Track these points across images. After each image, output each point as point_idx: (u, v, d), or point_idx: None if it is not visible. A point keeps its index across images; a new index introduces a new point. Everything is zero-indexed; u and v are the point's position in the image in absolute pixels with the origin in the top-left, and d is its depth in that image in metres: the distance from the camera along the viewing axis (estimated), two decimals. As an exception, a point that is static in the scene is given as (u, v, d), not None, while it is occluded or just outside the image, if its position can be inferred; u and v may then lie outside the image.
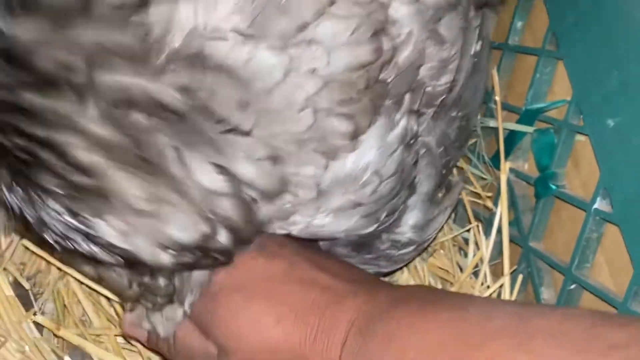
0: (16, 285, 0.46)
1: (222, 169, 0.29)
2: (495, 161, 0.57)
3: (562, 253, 0.49)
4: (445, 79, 0.36)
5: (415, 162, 0.37)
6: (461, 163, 0.61)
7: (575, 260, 0.47)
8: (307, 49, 0.28)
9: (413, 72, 0.34)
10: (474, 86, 0.43)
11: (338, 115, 0.31)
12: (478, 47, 0.40)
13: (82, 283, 0.49)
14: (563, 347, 0.26)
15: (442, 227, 0.45)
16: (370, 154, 0.33)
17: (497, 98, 0.56)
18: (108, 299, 0.50)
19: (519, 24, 0.57)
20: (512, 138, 0.56)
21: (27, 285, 0.46)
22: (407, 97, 0.34)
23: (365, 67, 0.30)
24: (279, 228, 0.35)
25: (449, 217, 0.50)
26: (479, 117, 0.59)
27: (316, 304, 0.35)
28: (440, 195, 0.45)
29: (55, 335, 0.46)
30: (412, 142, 0.36)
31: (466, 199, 0.59)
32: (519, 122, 0.56)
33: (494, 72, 0.57)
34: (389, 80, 0.32)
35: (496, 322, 0.30)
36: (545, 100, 0.54)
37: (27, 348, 0.42)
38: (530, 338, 0.27)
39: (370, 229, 0.36)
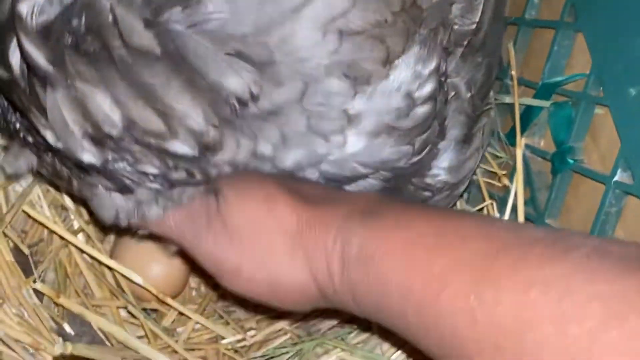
0: (17, 251, 0.45)
1: None
2: (511, 138, 0.56)
3: (579, 230, 0.48)
4: (472, 18, 0.36)
5: (446, 102, 0.36)
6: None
7: (593, 236, 0.45)
8: None
9: (446, 7, 0.33)
10: (496, 34, 0.42)
11: (370, 37, 0.30)
12: None
13: (83, 252, 0.48)
14: (605, 263, 0.25)
15: (475, 171, 0.43)
16: (404, 75, 0.32)
17: (513, 72, 0.54)
18: (110, 268, 0.48)
19: (536, -2, 0.56)
20: (528, 114, 0.55)
21: (26, 251, 0.45)
22: (441, 30, 0.33)
23: None
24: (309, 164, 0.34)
25: (466, 190, 0.48)
26: (491, 94, 0.58)
27: (318, 192, 0.35)
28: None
29: (55, 303, 0.45)
30: (442, 79, 0.35)
31: (480, 178, 0.58)
32: (535, 97, 0.54)
33: (510, 46, 0.56)
34: (424, 7, 0.31)
35: (530, 232, 0.28)
36: (563, 75, 0.52)
37: (25, 314, 0.41)
38: (569, 249, 0.26)
39: (403, 162, 0.35)
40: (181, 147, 0.29)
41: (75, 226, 0.51)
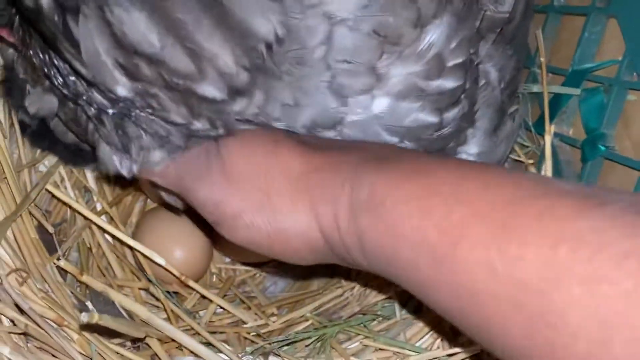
0: (41, 230, 0.45)
1: None
2: (538, 127, 0.55)
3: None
4: (505, 7, 0.35)
5: (476, 81, 0.35)
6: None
7: (625, 224, 0.44)
8: None
9: None
10: (525, 31, 0.41)
11: None
12: None
13: (106, 232, 0.48)
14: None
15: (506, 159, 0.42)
16: (435, 38, 0.31)
17: (543, 59, 0.54)
18: (131, 248, 0.48)
19: (566, -16, 0.55)
20: (557, 102, 0.54)
21: (51, 229, 0.45)
22: (475, 8, 0.33)
23: None
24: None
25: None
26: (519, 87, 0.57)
27: (332, 142, 0.33)
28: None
29: (78, 281, 0.44)
30: (473, 58, 0.34)
31: (508, 167, 0.57)
32: (564, 84, 0.53)
33: (539, 33, 0.55)
34: None
35: (560, 184, 0.26)
36: (593, 61, 0.51)
37: (49, 290, 0.40)
38: (603, 203, 0.23)
39: (430, 132, 0.34)
40: (210, 89, 0.29)
41: (98, 208, 0.51)
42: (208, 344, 0.44)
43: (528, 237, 0.24)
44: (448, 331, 0.46)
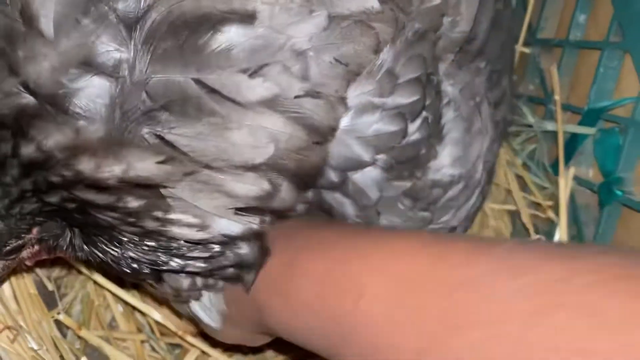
0: (43, 285, 0.46)
1: None
2: (557, 168, 0.52)
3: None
4: (462, 27, 0.35)
5: (437, 95, 0.35)
6: (520, 171, 0.56)
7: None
8: None
9: (437, 17, 0.33)
10: (498, 42, 0.40)
11: (358, 22, 0.30)
12: (500, 5, 0.39)
13: (114, 295, 0.48)
14: (528, 255, 0.25)
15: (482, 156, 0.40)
16: (385, 54, 0.31)
17: (557, 97, 0.51)
18: (142, 313, 0.48)
19: (582, 18, 0.52)
20: (574, 142, 0.51)
21: (50, 287, 0.46)
22: (432, 35, 0.33)
23: None
24: None
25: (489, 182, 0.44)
26: (535, 119, 0.55)
27: None
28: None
29: (78, 336, 0.45)
30: (432, 77, 0.34)
31: (525, 210, 0.54)
32: (581, 123, 0.50)
33: (553, 69, 0.52)
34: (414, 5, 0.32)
35: (451, 235, 0.31)
36: (611, 99, 0.48)
37: (44, 347, 0.41)
38: (491, 245, 0.26)
39: (398, 139, 0.34)
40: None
41: (105, 259, 0.52)
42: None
43: (426, 285, 0.25)
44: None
